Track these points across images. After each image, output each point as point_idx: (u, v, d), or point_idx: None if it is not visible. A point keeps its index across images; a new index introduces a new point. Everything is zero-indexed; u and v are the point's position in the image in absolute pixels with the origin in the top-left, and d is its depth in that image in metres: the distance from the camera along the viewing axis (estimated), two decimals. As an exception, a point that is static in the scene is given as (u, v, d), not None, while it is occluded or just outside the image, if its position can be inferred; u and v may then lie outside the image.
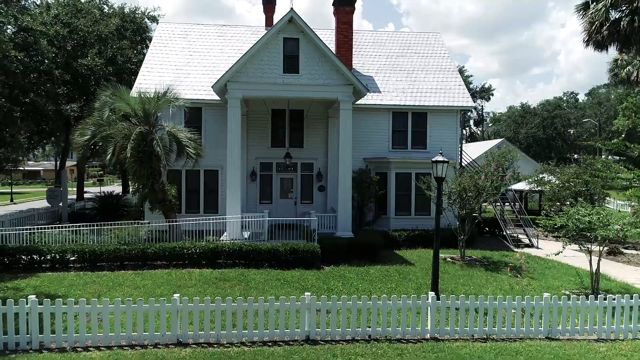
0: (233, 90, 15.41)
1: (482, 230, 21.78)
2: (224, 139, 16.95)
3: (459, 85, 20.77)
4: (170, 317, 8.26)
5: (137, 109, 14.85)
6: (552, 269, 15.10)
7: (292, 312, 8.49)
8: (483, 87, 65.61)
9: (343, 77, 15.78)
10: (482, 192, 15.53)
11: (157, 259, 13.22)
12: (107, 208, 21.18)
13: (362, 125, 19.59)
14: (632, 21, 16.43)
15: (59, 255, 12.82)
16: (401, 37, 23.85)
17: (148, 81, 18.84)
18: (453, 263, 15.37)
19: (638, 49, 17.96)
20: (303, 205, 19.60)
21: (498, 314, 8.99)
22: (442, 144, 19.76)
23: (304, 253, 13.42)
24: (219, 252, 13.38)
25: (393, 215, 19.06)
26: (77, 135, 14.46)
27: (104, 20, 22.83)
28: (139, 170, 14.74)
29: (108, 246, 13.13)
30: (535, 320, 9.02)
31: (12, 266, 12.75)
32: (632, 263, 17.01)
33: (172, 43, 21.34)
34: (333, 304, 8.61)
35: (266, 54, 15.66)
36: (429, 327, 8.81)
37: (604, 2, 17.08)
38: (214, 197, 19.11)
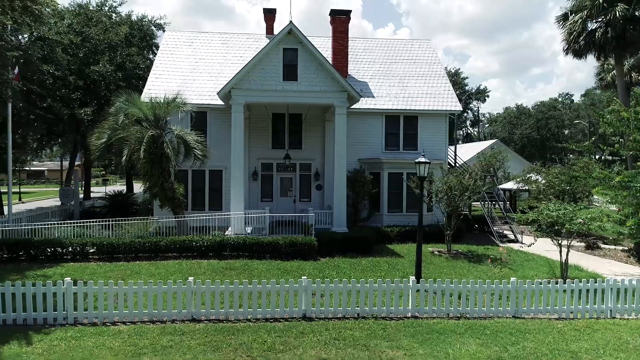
0: (237, 96, 16.72)
1: (472, 227, 23.07)
2: (227, 140, 18.26)
3: (447, 91, 22.07)
4: (186, 297, 9.55)
5: (148, 114, 16.14)
6: (531, 261, 16.40)
7: (291, 294, 9.79)
8: (479, 89, 67.06)
9: (338, 84, 17.09)
10: (465, 191, 16.82)
11: (168, 251, 14.53)
12: (117, 206, 22.51)
13: (357, 128, 20.91)
14: (605, 32, 17.71)
15: (79, 247, 14.14)
16: (394, 44, 25.16)
17: (156, 87, 20.15)
18: (440, 256, 16.67)
19: (614, 57, 19.27)
20: (302, 202, 20.92)
21: (471, 296, 10.29)
22: (432, 145, 21.12)
23: (302, 246, 14.74)
24: (224, 245, 14.70)
25: (386, 213, 20.37)
26: (94, 138, 15.78)
27: (113, 28, 24.16)
28: (150, 171, 16.03)
29: (124, 239, 14.44)
30: (503, 302, 10.33)
31: (37, 257, 14.05)
32: (608, 257, 18.31)
33: (178, 51, 22.65)
34: (326, 287, 9.92)
35: (267, 63, 16.96)
36: (410, 307, 10.12)
37: (581, 14, 18.36)
38: (218, 196, 20.41)
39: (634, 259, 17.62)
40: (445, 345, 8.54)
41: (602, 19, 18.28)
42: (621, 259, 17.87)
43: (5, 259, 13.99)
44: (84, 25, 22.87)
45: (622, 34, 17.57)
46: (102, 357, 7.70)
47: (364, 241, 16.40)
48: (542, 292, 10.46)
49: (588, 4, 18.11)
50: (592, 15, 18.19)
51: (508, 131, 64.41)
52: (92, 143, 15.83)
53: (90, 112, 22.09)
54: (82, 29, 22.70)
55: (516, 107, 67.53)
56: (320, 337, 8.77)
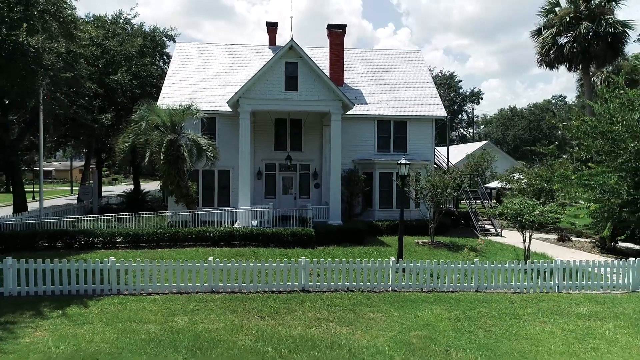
0: (244, 105, 18.88)
1: (458, 223, 25.25)
2: (234, 143, 20.42)
3: (434, 98, 24.23)
4: (206, 274, 11.70)
5: (166, 120, 18.31)
6: (504, 250, 18.54)
7: (292, 271, 11.95)
8: (473, 92, 69.28)
9: (334, 93, 19.25)
10: (446, 188, 18.97)
11: (185, 241, 16.69)
12: (133, 202, 24.69)
13: (351, 132, 23.07)
14: (573, 47, 19.91)
15: (108, 237, 16.30)
16: (386, 55, 27.31)
17: (170, 95, 22.31)
18: (423, 246, 18.82)
19: (582, 69, 21.43)
20: (301, 199, 23.09)
21: (441, 275, 12.45)
22: (420, 147, 23.30)
23: (302, 236, 16.91)
24: (234, 235, 16.87)
25: (377, 208, 22.53)
26: (119, 142, 17.95)
27: (129, 40, 26.32)
28: (167, 170, 18.20)
29: (147, 230, 16.60)
30: (467, 279, 12.49)
31: (71, 245, 16.22)
32: (576, 248, 20.42)
33: (189, 61, 24.81)
34: (322, 266, 12.09)
35: (271, 74, 19.12)
36: (390, 283, 12.27)
37: (551, 30, 20.56)
38: (226, 193, 22.58)
39: (598, 249, 19.73)
40: (416, 310, 10.69)
41: (570, 35, 20.46)
42: (587, 250, 19.98)
43: (45, 247, 16.16)
44: (102, 37, 25.09)
45: (587, 49, 19.75)
46: (144, 316, 9.85)
47: (356, 233, 18.57)
48: (500, 271, 12.63)
49: (557, 21, 20.29)
50: (561, 32, 20.38)
51: (501, 132, 66.56)
52: (117, 146, 17.99)
53: (110, 118, 24.33)
54: (102, 41, 24.90)
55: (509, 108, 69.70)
56: (316, 304, 10.92)
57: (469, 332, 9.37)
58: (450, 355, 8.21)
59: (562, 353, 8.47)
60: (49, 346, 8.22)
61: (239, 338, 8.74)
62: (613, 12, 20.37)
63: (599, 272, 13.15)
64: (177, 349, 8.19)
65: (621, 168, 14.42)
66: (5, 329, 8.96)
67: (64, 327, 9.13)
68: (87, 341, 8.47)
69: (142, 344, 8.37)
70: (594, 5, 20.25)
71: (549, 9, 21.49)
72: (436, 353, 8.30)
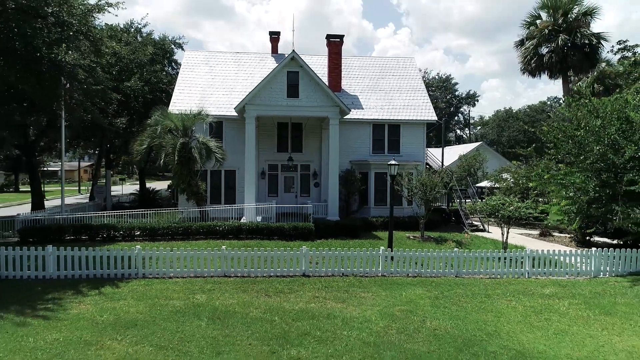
0: (250, 110, 20.63)
1: (449, 220, 26.96)
2: (240, 146, 22.14)
3: (425, 103, 25.96)
4: (220, 260, 13.44)
5: (178, 125, 20.03)
6: (487, 244, 20.24)
7: (294, 259, 13.68)
8: (469, 94, 71.10)
9: (332, 100, 20.99)
10: (435, 187, 20.70)
11: (197, 234, 18.43)
12: (145, 200, 26.43)
13: (349, 135, 24.81)
14: (551, 57, 21.63)
15: (128, 230, 18.04)
16: (382, 61, 29.06)
17: (180, 101, 24.05)
18: (413, 239, 20.55)
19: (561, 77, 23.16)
20: (302, 197, 24.82)
21: (425, 262, 14.19)
22: (412, 149, 25.04)
23: (303, 229, 18.65)
24: (241, 229, 18.60)
25: (372, 206, 24.27)
26: (137, 144, 19.68)
27: (141, 49, 28.08)
28: (180, 170, 19.92)
29: (163, 224, 18.34)
30: (448, 266, 14.23)
31: (94, 238, 17.96)
32: (555, 242, 22.12)
33: (197, 69, 26.56)
34: (320, 254, 13.82)
35: (274, 83, 20.86)
36: (380, 269, 14.01)
37: (532, 42, 22.31)
38: (232, 192, 24.31)
39: (575, 243, 21.43)
40: (401, 291, 12.42)
41: (549, 46, 22.20)
42: (565, 243, 21.68)
43: (70, 239, 17.89)
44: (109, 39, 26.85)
45: (565, 59, 21.48)
46: (169, 294, 11.58)
47: (352, 228, 20.31)
48: (477, 259, 14.37)
49: (537, 33, 22.04)
50: (541, 43, 22.14)
51: (497, 133, 68.31)
52: (135, 148, 19.74)
53: (125, 122, 26.11)
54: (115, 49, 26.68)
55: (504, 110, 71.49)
56: (315, 286, 12.65)
57: (444, 307, 11.10)
58: (425, 324, 9.94)
59: (519, 322, 10.20)
60: (94, 315, 9.95)
61: (250, 311, 10.47)
62: (589, 25, 22.06)
63: (564, 261, 14.89)
64: (199, 317, 9.92)
65: (588, 169, 16.13)
66: (55, 304, 10.70)
67: (102, 302, 10.87)
68: (124, 312, 10.21)
69: (170, 314, 10.10)
70: (571, 19, 21.97)
71: (531, 22, 23.23)
72: (414, 322, 10.03)
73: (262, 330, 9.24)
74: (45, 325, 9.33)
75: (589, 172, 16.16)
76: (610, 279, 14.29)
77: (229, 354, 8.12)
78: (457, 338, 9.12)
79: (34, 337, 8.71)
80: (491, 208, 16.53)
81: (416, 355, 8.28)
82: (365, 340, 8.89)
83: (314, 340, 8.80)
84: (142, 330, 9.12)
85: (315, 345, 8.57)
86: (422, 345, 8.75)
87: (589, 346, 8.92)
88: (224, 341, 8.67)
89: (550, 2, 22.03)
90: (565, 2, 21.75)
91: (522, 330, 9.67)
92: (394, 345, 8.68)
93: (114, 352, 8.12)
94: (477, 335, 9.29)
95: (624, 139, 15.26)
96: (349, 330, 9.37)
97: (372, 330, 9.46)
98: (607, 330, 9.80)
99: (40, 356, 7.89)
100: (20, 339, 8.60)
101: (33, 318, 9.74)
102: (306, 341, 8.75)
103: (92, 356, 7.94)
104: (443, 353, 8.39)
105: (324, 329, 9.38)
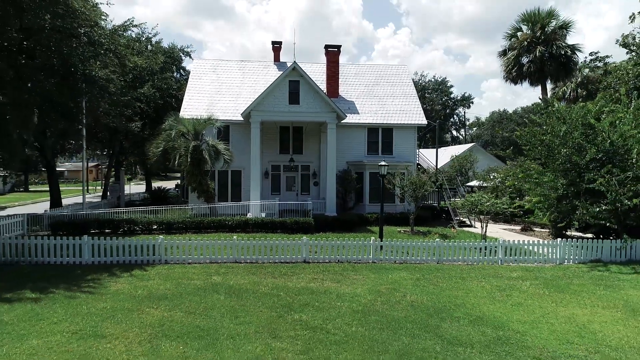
0: (255, 116, 22.68)
1: (440, 216, 28.97)
2: (245, 148, 24.17)
3: (416, 108, 28.01)
4: (232, 249, 15.48)
5: (190, 129, 22.08)
6: (471, 237, 22.24)
7: (296, 248, 15.73)
8: (464, 96, 73.16)
9: (329, 107, 23.03)
10: (423, 185, 22.73)
11: (208, 228, 20.48)
12: (157, 198, 28.49)
13: (345, 138, 26.85)
14: (530, 67, 23.70)
15: (146, 224, 20.09)
16: (377, 69, 31.11)
17: (190, 106, 26.10)
18: (404, 233, 22.58)
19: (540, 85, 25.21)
20: (302, 195, 26.87)
21: (410, 250, 16.23)
22: (404, 151, 27.09)
23: (303, 224, 20.70)
24: (247, 223, 20.66)
25: (367, 203, 26.32)
26: (153, 147, 21.74)
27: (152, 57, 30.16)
28: (192, 171, 21.97)
29: (177, 219, 20.40)
30: (431, 254, 16.26)
31: (116, 231, 20.01)
32: (534, 236, 24.10)
33: (205, 76, 28.60)
34: (319, 243, 15.87)
35: (277, 91, 22.91)
36: (370, 256, 16.05)
37: (514, 52, 24.38)
38: (238, 190, 26.36)
39: (551, 237, 23.46)
40: (387, 274, 14.46)
41: (529, 57, 24.26)
42: (543, 237, 23.69)
43: (95, 232, 19.93)
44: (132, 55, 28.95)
45: (542, 68, 23.53)
46: (190, 276, 13.61)
47: (348, 222, 22.37)
48: (456, 248, 16.42)
49: (518, 45, 24.10)
50: (522, 54, 24.19)
51: (491, 134, 70.37)
52: (151, 151, 21.81)
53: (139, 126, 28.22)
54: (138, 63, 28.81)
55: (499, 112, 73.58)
56: (314, 270, 14.70)
57: (423, 286, 13.14)
58: (405, 298, 11.97)
59: (484, 297, 12.24)
60: (130, 291, 12.00)
61: (260, 288, 12.51)
62: (565, 37, 24.08)
63: (534, 250, 16.93)
64: (218, 292, 11.96)
65: (557, 169, 18.17)
66: (95, 283, 12.75)
67: (135, 282, 12.92)
68: (155, 289, 12.25)
69: (193, 290, 12.14)
70: (548, 32, 24.00)
71: (512, 34, 25.30)
72: (396, 296, 12.07)
73: (271, 302, 11.28)
74: (92, 298, 11.37)
75: (558, 172, 18.19)
76: (573, 265, 16.35)
77: (245, 317, 10.15)
78: (430, 308, 11.17)
79: (86, 305, 10.76)
80: (470, 204, 18.58)
81: (395, 319, 10.32)
82: (355, 309, 10.92)
83: (312, 309, 10.84)
84: (172, 302, 11.16)
85: (314, 312, 10.61)
86: (401, 312, 10.79)
87: (536, 313, 10.95)
88: (240, 309, 10.71)
89: (529, 16, 24.11)
90: (543, 17, 23.85)
91: (485, 303, 11.71)
92: (378, 312, 10.72)
93: (152, 315, 10.16)
94: (447, 306, 11.33)
95: (587, 142, 17.31)
96: (341, 302, 11.41)
97: (361, 302, 11.50)
98: (556, 303, 11.83)
99: (96, 318, 9.93)
100: (75, 307, 10.64)
101: (80, 293, 11.78)
102: (306, 309, 10.79)
103: (136, 318, 9.98)
104: (417, 318, 10.43)
105: (321, 301, 11.42)
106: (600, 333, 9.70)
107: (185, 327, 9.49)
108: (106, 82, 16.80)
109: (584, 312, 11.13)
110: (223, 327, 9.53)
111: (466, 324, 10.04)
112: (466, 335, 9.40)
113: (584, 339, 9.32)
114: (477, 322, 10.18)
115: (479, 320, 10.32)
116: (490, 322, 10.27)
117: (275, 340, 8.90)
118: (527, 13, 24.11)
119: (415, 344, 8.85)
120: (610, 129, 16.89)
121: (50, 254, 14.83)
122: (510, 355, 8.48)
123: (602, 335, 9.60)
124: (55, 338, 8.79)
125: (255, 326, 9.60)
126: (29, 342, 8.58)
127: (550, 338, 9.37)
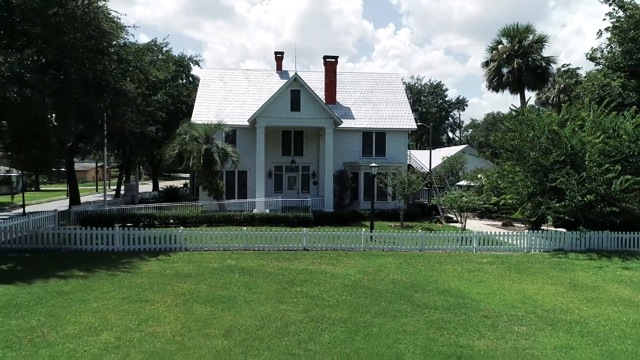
0: (260, 122, 25.17)
1: (429, 213, 31.42)
2: (251, 150, 26.64)
3: (407, 113, 30.50)
4: (242, 238, 17.96)
5: (202, 134, 24.56)
6: (454, 231, 24.74)
7: (297, 237, 18.21)
8: (458, 99, 75.84)
9: (327, 113, 25.52)
10: (411, 184, 25.21)
11: (218, 222, 22.97)
12: (169, 196, 31.00)
13: (342, 141, 29.31)
14: (509, 77, 26.18)
15: (164, 219, 22.58)
16: (372, 77, 33.61)
17: (200, 112, 28.59)
18: (394, 227, 25.00)
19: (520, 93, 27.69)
20: (303, 193, 29.35)
21: (397, 240, 18.71)
22: (396, 153, 29.57)
23: (303, 219, 23.18)
24: (254, 218, 23.14)
25: (362, 200, 28.80)
26: (168, 150, 24.23)
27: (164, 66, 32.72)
28: (203, 171, 24.44)
29: (191, 213, 22.89)
30: (414, 243, 18.74)
31: (137, 224, 22.46)
32: (514, 230, 26.62)
33: (213, 84, 31.10)
34: (317, 234, 18.35)
35: (280, 99, 25.40)
36: (362, 245, 18.52)
37: (494, 63, 26.86)
38: (244, 188, 28.84)
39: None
40: (376, 259, 16.93)
41: (508, 67, 26.75)
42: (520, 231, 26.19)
43: (119, 226, 22.40)
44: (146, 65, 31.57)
45: (520, 78, 26.01)
46: (207, 260, 16.08)
47: (344, 217, 24.85)
48: (437, 238, 18.89)
49: (498, 57, 26.58)
50: (502, 65, 26.66)
51: (484, 136, 72.85)
52: (167, 153, 24.32)
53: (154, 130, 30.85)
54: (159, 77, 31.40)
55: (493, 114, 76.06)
56: (312, 256, 17.17)
57: (405, 269, 15.60)
58: (389, 277, 14.44)
59: (454, 277, 14.70)
60: (160, 270, 14.48)
61: (267, 269, 14.98)
62: (541, 50, 26.57)
63: (505, 240, 19.39)
64: (233, 272, 14.44)
65: (527, 170, 20.64)
66: (129, 265, 15.23)
67: (162, 264, 15.40)
68: (180, 269, 14.72)
69: (212, 271, 14.62)
70: (525, 45, 26.50)
71: (493, 47, 27.81)
72: (381, 276, 14.54)
73: (277, 279, 13.76)
74: (130, 275, 13.85)
75: (528, 172, 20.66)
76: (537, 254, 18.82)
77: (256, 289, 12.63)
78: (407, 283, 13.64)
79: (127, 280, 13.23)
80: (451, 200, 21.06)
81: (378, 291, 12.79)
82: (345, 284, 13.40)
83: (311, 284, 13.32)
84: (196, 278, 13.63)
85: (312, 286, 13.08)
86: (383, 286, 13.27)
87: (494, 288, 13.42)
88: (252, 283, 13.19)
89: (508, 30, 26.60)
90: (521, 31, 26.33)
91: (453, 280, 14.18)
92: (364, 287, 13.19)
93: (182, 288, 12.64)
94: (422, 282, 13.80)
95: (553, 146, 19.79)
96: (335, 279, 13.89)
97: (351, 279, 13.98)
98: (512, 281, 14.30)
99: (137, 289, 12.40)
100: (118, 282, 13.11)
101: (119, 272, 14.25)
102: (306, 284, 13.27)
103: (170, 289, 12.45)
104: (395, 290, 12.90)
105: (318, 278, 13.90)
106: (541, 301, 12.17)
107: (209, 295, 11.96)
108: (134, 94, 19.29)
109: (534, 287, 13.61)
110: (239, 295, 12.01)
111: (434, 294, 12.51)
112: (433, 301, 11.88)
113: (525, 305, 11.80)
114: (443, 293, 12.66)
115: (446, 292, 12.79)
116: (454, 293, 12.73)
117: (282, 304, 11.37)
118: (506, 28, 26.67)
119: (391, 307, 11.33)
120: (571, 135, 19.36)
121: (87, 242, 17.31)
122: (464, 315, 10.94)
123: (541, 302, 12.07)
124: (110, 302, 11.27)
125: (265, 295, 12.08)
126: (91, 305, 11.05)
127: (499, 304, 11.85)
